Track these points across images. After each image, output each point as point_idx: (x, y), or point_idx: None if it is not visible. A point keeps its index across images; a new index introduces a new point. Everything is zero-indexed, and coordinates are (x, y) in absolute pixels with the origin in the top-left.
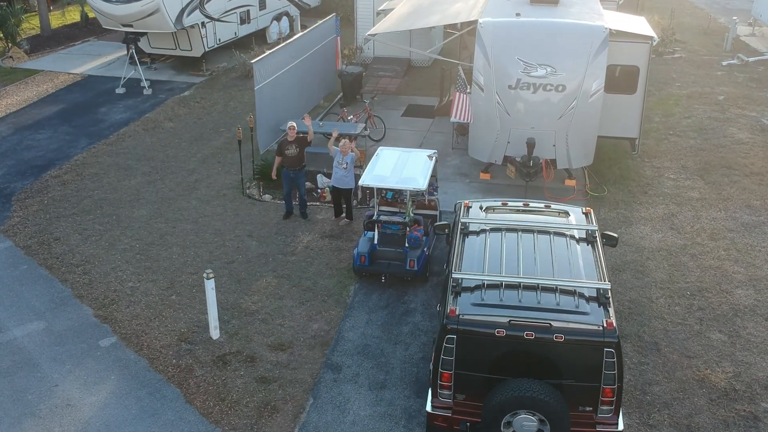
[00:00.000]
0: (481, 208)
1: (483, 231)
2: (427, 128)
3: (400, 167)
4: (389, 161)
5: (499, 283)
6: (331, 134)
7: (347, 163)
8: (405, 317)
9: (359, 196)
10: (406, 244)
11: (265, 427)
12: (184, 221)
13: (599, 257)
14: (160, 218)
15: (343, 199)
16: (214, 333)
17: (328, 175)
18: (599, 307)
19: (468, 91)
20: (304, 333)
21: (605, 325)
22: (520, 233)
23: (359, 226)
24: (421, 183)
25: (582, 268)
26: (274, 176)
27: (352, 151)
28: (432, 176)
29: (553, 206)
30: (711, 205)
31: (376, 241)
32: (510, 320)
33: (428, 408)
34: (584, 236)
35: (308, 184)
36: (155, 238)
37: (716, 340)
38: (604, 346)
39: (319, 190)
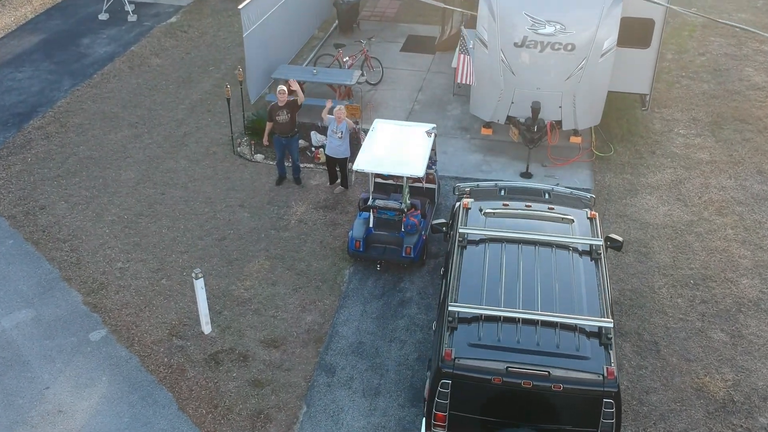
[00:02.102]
0: (480, 210)
1: (482, 242)
2: (427, 67)
3: (397, 147)
4: (385, 139)
5: (497, 317)
6: (326, 85)
7: (342, 132)
8: (401, 309)
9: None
10: (403, 230)
11: None
12: (173, 186)
13: (603, 278)
14: (148, 182)
15: (338, 166)
16: (206, 328)
17: (323, 131)
18: (600, 348)
19: (471, 45)
20: (298, 327)
21: (606, 374)
22: (521, 247)
23: (354, 195)
24: (419, 168)
25: (584, 297)
26: (265, 142)
27: (347, 118)
28: (431, 149)
29: (556, 209)
30: (721, 171)
31: (371, 225)
32: (508, 367)
33: None
34: (588, 250)
35: (302, 142)
36: (143, 207)
37: (717, 341)
38: (603, 397)
39: (313, 149)
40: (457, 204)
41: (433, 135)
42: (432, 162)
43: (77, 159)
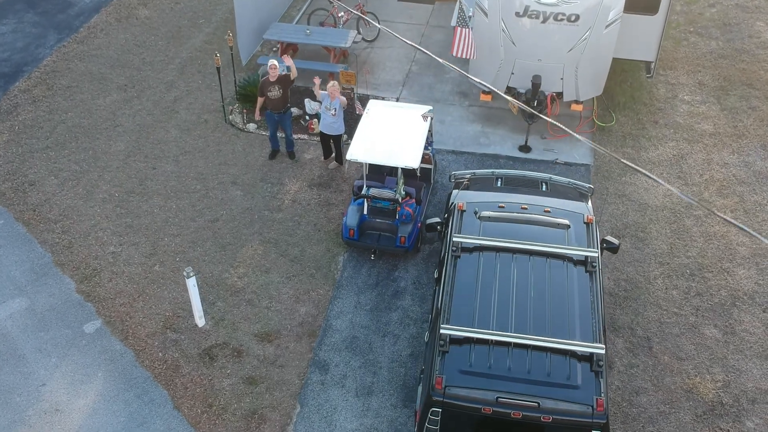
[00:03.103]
0: (475, 213)
1: (476, 251)
2: (426, 20)
3: (391, 133)
4: (379, 124)
5: (488, 341)
6: (321, 47)
7: (335, 108)
8: (394, 300)
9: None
10: (397, 218)
11: None
12: (165, 159)
13: (597, 294)
14: (138, 155)
15: (333, 143)
16: (200, 321)
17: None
18: (591, 375)
19: (470, 15)
20: (291, 319)
21: (595, 405)
22: (515, 258)
23: (349, 171)
24: (414, 159)
25: (577, 318)
26: (257, 117)
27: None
28: (428, 131)
29: (552, 211)
30: (724, 144)
31: (365, 211)
32: (498, 398)
33: None
34: (583, 261)
35: (295, 110)
36: (134, 183)
37: (710, 338)
38: (591, 428)
39: (307, 118)
40: (453, 197)
41: (429, 119)
42: (428, 143)
43: (66, 128)
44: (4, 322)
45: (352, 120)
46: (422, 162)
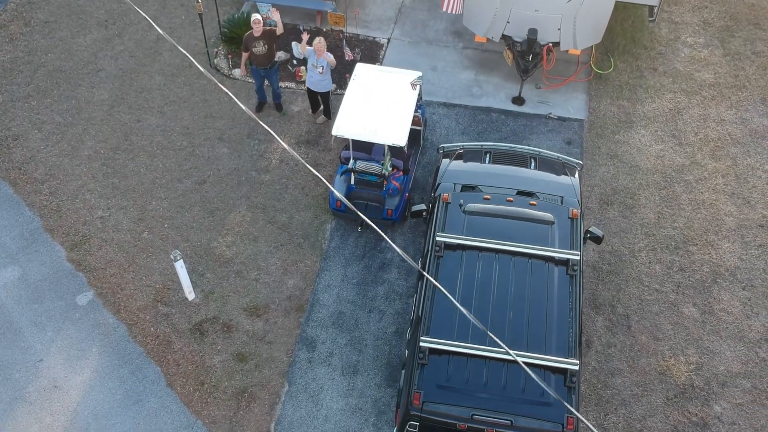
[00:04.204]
0: (460, 206)
1: (459, 248)
2: None
3: (378, 105)
4: (366, 93)
5: (466, 354)
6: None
7: (323, 66)
8: (381, 273)
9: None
10: (384, 189)
11: (243, 421)
12: (149, 111)
13: (576, 301)
14: (122, 105)
15: (320, 98)
16: (189, 295)
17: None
18: (564, 390)
19: None
20: (280, 292)
21: (565, 424)
22: (497, 259)
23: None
24: (401, 136)
25: (555, 329)
26: (243, 73)
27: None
28: (417, 97)
29: (538, 204)
30: (723, 97)
31: (352, 182)
32: (473, 415)
33: None
34: (565, 262)
35: (281, 54)
36: (120, 139)
37: (688, 317)
38: None
39: (294, 63)
40: (442, 171)
41: (418, 87)
42: (418, 105)
43: (46, 72)
44: None
45: (341, 65)
46: (411, 125)
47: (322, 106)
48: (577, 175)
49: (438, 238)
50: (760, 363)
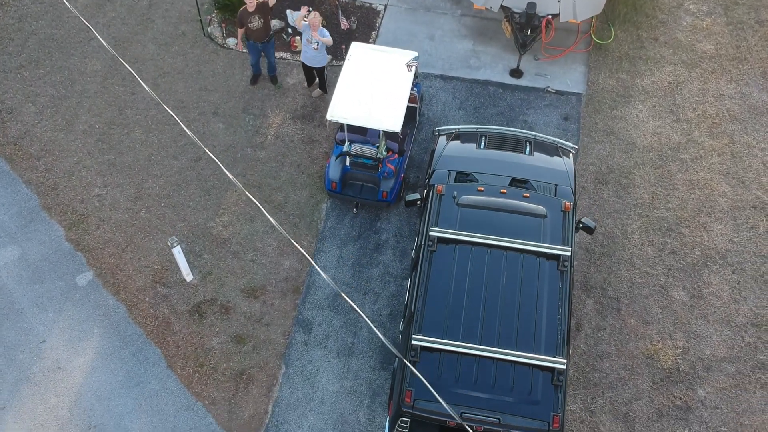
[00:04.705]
0: (454, 198)
1: (452, 243)
2: None
3: (373, 88)
4: (362, 76)
5: (457, 352)
6: None
7: (317, 43)
8: (376, 255)
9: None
10: (380, 171)
11: (241, 402)
12: (143, 82)
13: (565, 298)
14: (116, 76)
15: (315, 72)
16: (188, 277)
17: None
18: (551, 389)
19: None
20: (276, 273)
21: (551, 422)
22: (489, 254)
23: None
24: (396, 122)
25: (544, 327)
26: (240, 48)
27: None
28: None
29: (531, 196)
30: (723, 71)
31: (347, 163)
32: (462, 413)
33: None
34: (556, 257)
35: (276, 22)
36: (114, 113)
37: (677, 301)
38: None
39: (289, 31)
40: (437, 156)
41: (414, 68)
42: (414, 84)
43: (38, 40)
44: (0, 273)
45: (336, 35)
46: (408, 101)
47: (317, 80)
48: (572, 160)
49: (431, 233)
50: (744, 347)
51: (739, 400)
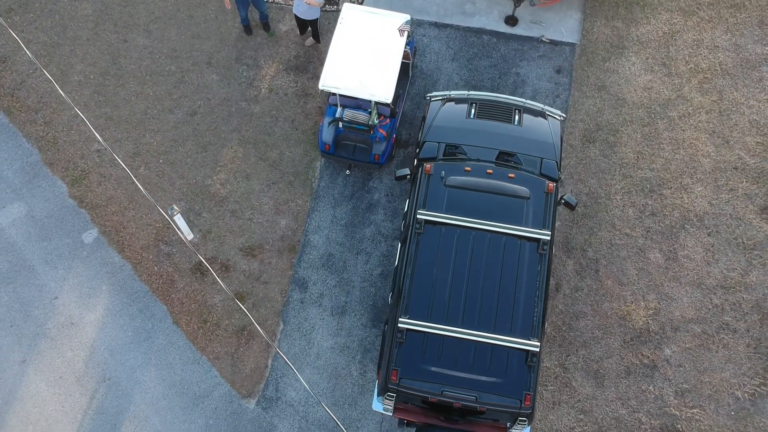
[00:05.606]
0: (442, 179)
1: (438, 225)
2: None
3: (365, 55)
4: (354, 42)
5: (440, 336)
6: None
7: None
8: (368, 214)
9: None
10: (371, 135)
11: (243, 357)
12: (135, 29)
13: (542, 281)
14: (107, 22)
15: (309, 23)
16: (189, 236)
17: None
18: (525, 369)
19: None
20: (273, 232)
21: (523, 399)
22: (472, 237)
23: (327, 46)
24: (387, 92)
25: (521, 311)
26: (227, 6)
27: None
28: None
29: (516, 177)
30: (720, 20)
31: (340, 126)
32: (443, 391)
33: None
34: (537, 240)
35: None
36: (108, 62)
37: (653, 263)
38: (518, 416)
39: None
40: (428, 123)
41: (406, 33)
42: (407, 42)
43: None
44: (8, 230)
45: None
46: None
47: (310, 29)
48: (560, 128)
49: (419, 216)
50: (712, 309)
51: (701, 359)
